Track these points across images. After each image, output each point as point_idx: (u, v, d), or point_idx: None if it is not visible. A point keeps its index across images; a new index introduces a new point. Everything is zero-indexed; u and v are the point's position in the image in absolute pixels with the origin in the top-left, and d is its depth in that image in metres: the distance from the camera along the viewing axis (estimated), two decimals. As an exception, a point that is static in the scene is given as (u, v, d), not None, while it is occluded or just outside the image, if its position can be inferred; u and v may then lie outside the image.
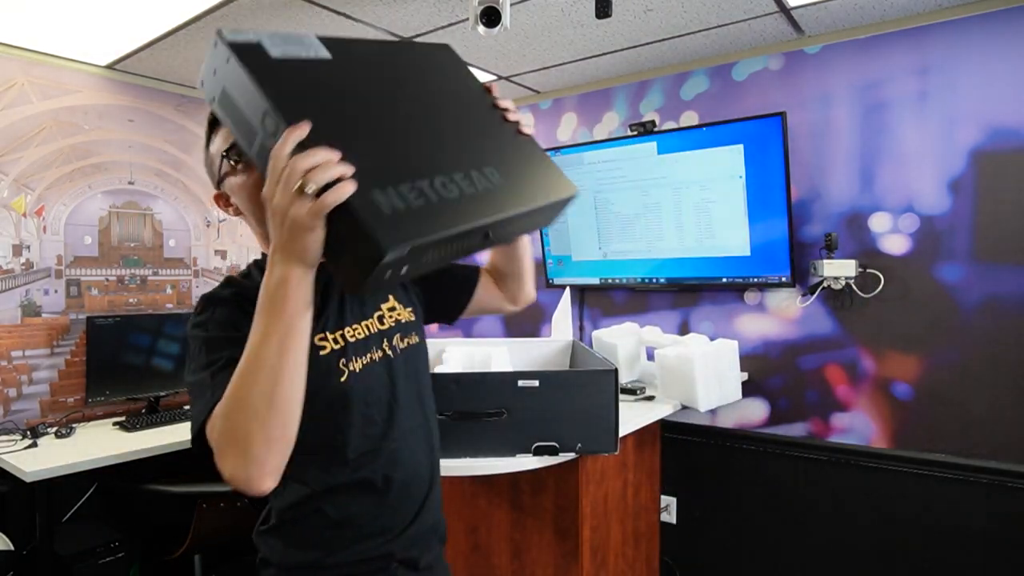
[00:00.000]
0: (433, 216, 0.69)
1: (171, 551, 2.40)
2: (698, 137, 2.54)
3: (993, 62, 2.09)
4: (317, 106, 0.71)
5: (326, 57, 0.79)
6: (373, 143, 0.73)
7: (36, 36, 2.39)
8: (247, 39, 0.72)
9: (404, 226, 0.66)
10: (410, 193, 0.69)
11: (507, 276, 1.24)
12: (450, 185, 0.74)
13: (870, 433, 2.32)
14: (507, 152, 0.88)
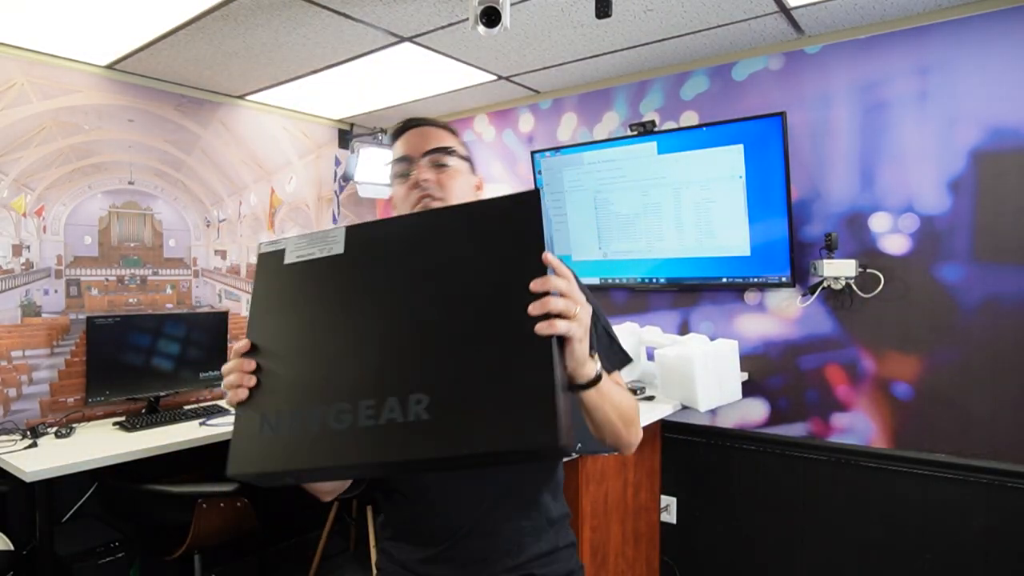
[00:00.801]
0: (292, 449, 0.72)
1: (171, 551, 2.40)
2: (698, 137, 2.54)
3: (993, 62, 2.09)
4: (281, 319, 0.80)
5: (338, 253, 0.82)
6: (305, 360, 0.77)
7: (36, 36, 2.39)
8: (274, 248, 0.85)
9: (255, 454, 0.73)
10: (291, 420, 0.73)
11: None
12: (344, 416, 0.71)
13: (870, 433, 2.32)
14: (470, 370, 0.70)
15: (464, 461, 0.70)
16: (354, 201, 3.85)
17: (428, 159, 1.07)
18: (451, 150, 1.08)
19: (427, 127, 1.11)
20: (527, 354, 0.69)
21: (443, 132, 1.11)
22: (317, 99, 3.25)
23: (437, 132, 1.10)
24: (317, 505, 3.16)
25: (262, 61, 2.64)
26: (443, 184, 1.05)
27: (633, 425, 1.00)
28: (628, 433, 0.98)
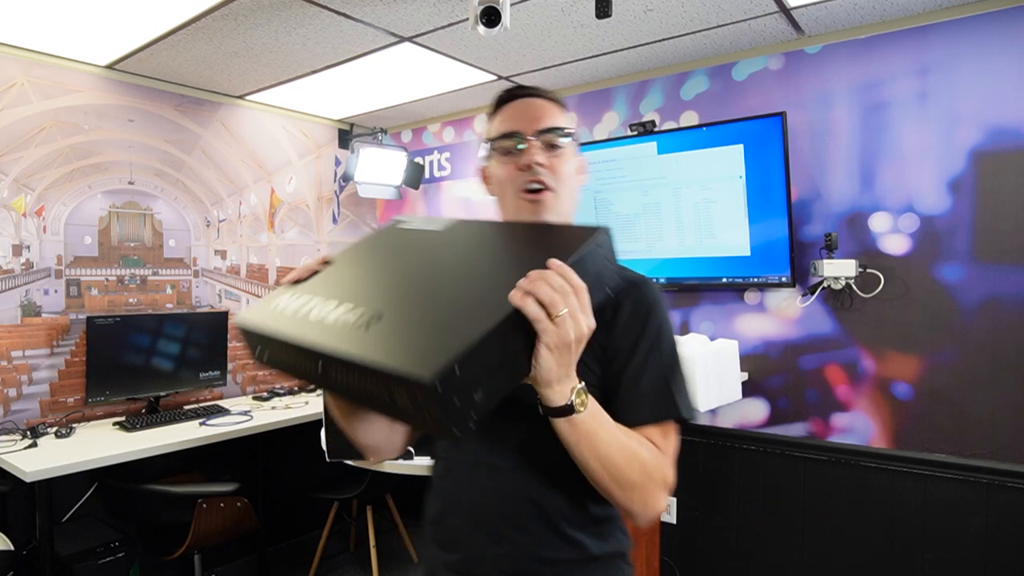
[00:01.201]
0: (279, 318, 0.82)
1: (171, 551, 2.41)
2: (698, 137, 2.54)
3: (993, 62, 2.09)
4: (359, 253, 0.95)
5: (435, 230, 0.95)
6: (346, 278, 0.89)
7: (36, 36, 2.39)
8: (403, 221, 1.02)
9: (260, 313, 0.84)
10: (302, 302, 0.83)
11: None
12: (328, 311, 0.78)
13: (870, 433, 2.32)
14: (436, 312, 0.73)
15: (357, 373, 0.69)
16: (354, 201, 3.85)
17: (542, 139, 0.97)
18: (566, 132, 0.98)
19: (540, 100, 1.00)
20: (483, 313, 0.69)
21: (557, 109, 1.00)
22: (317, 99, 3.25)
23: (551, 108, 0.99)
24: (317, 505, 3.17)
25: (262, 61, 2.64)
26: (555, 170, 0.96)
27: (632, 490, 0.83)
28: (622, 495, 0.83)
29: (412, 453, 1.85)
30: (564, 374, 0.75)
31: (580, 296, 0.73)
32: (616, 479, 0.82)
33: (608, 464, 0.81)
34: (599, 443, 0.81)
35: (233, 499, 2.44)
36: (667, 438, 0.90)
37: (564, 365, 0.74)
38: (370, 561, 2.93)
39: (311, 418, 2.84)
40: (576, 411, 0.77)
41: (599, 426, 0.81)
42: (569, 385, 0.77)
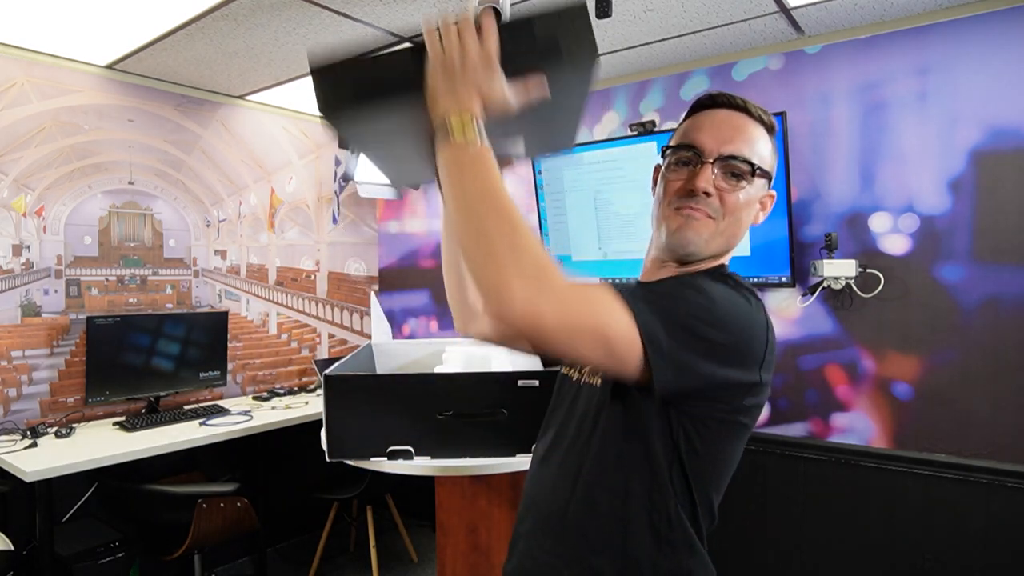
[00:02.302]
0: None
1: (171, 551, 2.41)
2: (698, 137, 2.53)
3: (993, 62, 2.09)
4: None
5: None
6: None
7: (36, 36, 2.39)
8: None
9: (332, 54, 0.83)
10: None
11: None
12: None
13: (870, 433, 2.31)
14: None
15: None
16: (354, 201, 3.85)
17: (722, 166, 0.87)
18: (755, 167, 0.87)
19: (742, 117, 0.90)
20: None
21: (758, 131, 0.89)
22: (317, 99, 3.24)
23: (750, 130, 0.89)
24: (317, 505, 3.17)
25: (262, 61, 2.64)
26: (725, 202, 0.87)
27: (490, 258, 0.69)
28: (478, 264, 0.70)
29: (412, 453, 1.85)
30: (448, 91, 0.74)
31: (485, 32, 0.74)
32: (479, 230, 0.71)
33: (472, 212, 0.72)
34: (468, 184, 0.73)
35: (233, 499, 2.44)
36: (594, 284, 0.76)
37: (448, 83, 0.74)
38: (370, 561, 2.93)
39: (311, 418, 2.84)
40: (451, 134, 0.73)
41: (477, 168, 0.73)
42: (452, 105, 0.74)
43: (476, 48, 0.73)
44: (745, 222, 0.91)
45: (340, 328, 3.80)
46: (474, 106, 0.74)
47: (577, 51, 0.77)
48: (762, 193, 0.92)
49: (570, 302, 0.70)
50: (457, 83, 0.74)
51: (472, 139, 0.73)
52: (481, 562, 1.99)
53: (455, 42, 0.73)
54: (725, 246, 0.92)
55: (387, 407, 1.84)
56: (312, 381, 3.52)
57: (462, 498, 2.02)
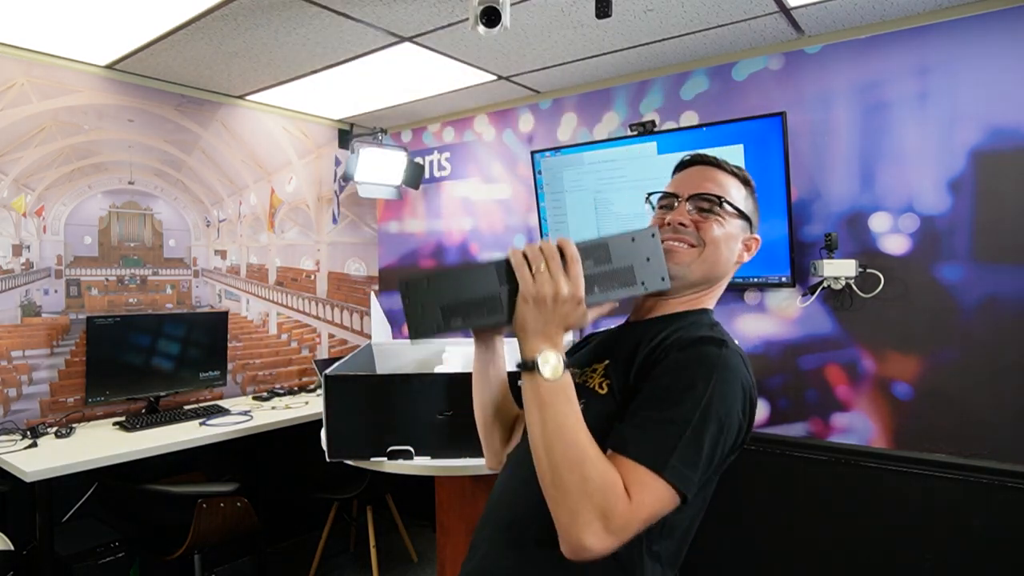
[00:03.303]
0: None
1: (171, 551, 2.41)
2: (698, 137, 2.54)
3: (993, 62, 2.09)
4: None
5: None
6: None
7: (36, 36, 2.39)
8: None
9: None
10: None
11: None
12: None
13: (870, 433, 2.31)
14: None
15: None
16: (354, 201, 3.85)
17: (694, 203, 1.00)
18: (722, 200, 0.99)
19: (711, 169, 1.03)
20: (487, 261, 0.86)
21: (727, 179, 1.02)
22: (317, 99, 3.25)
23: (718, 177, 1.02)
24: (317, 505, 3.17)
25: (262, 61, 2.64)
26: (702, 229, 0.98)
27: (563, 495, 0.76)
28: (552, 497, 0.77)
29: (412, 453, 1.85)
30: (539, 329, 0.82)
31: (569, 263, 0.82)
32: (551, 471, 0.78)
33: (549, 448, 0.79)
34: (549, 420, 0.80)
35: (233, 499, 2.44)
36: (641, 486, 0.78)
37: (539, 320, 0.82)
38: (370, 561, 2.93)
39: (311, 418, 2.84)
40: (539, 370, 0.81)
41: (557, 404, 0.80)
42: (544, 344, 0.82)
43: (566, 288, 0.81)
44: (726, 256, 1.00)
45: (340, 328, 3.80)
46: (560, 344, 0.83)
47: (649, 278, 0.87)
48: (742, 234, 1.02)
49: (631, 527, 0.77)
50: (548, 321, 0.82)
51: (557, 375, 0.81)
52: (481, 562, 1.99)
53: (547, 281, 0.81)
54: (707, 275, 0.99)
55: (387, 407, 1.84)
56: (312, 381, 3.52)
57: (462, 498, 2.02)
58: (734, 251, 1.01)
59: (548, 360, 0.81)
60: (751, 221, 1.03)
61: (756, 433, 2.53)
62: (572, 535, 0.75)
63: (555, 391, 0.80)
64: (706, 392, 0.83)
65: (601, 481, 0.76)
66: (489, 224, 3.45)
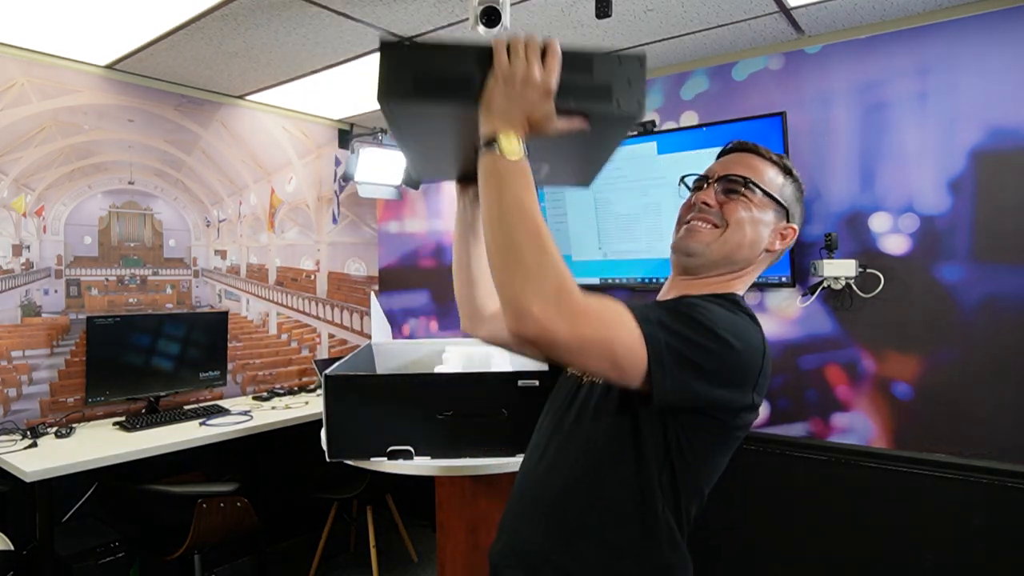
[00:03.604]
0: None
1: (171, 551, 2.41)
2: (698, 137, 2.54)
3: (993, 62, 2.09)
4: None
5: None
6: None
7: (36, 36, 2.39)
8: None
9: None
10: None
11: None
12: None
13: (870, 433, 2.31)
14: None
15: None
16: (354, 201, 3.85)
17: (722, 184, 0.99)
18: (750, 182, 0.98)
19: (746, 154, 1.03)
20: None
21: (760, 163, 1.01)
22: (317, 99, 3.25)
23: (750, 161, 1.01)
24: (317, 505, 3.17)
25: (262, 61, 2.64)
26: (725, 211, 0.98)
27: (515, 267, 0.74)
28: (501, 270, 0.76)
29: (412, 453, 1.85)
30: (503, 109, 0.80)
31: (548, 55, 0.80)
32: (507, 243, 0.76)
33: (504, 220, 0.77)
34: (506, 193, 0.78)
35: (233, 499, 2.44)
36: (608, 304, 0.79)
37: (505, 100, 0.80)
38: (370, 561, 2.93)
39: (311, 418, 2.84)
40: (499, 147, 0.79)
41: (515, 180, 0.79)
42: (506, 125, 0.80)
43: (538, 74, 0.80)
44: (751, 239, 0.98)
45: (340, 328, 3.80)
46: (523, 130, 0.81)
47: (625, 101, 0.83)
48: (777, 221, 1.00)
49: (584, 321, 0.74)
50: (513, 102, 0.80)
51: (516, 156, 0.80)
52: (481, 562, 1.99)
53: (521, 63, 0.79)
54: (728, 256, 0.98)
55: (387, 407, 1.84)
56: (312, 381, 3.52)
57: (462, 498, 2.02)
58: (762, 236, 0.99)
59: (510, 139, 0.80)
60: (788, 209, 1.01)
61: (756, 433, 2.53)
62: (520, 300, 0.73)
63: (513, 170, 0.79)
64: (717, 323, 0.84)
65: (559, 264, 0.76)
66: (489, 224, 3.44)
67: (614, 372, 0.79)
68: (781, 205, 1.00)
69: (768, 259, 1.02)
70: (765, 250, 1.00)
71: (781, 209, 1.00)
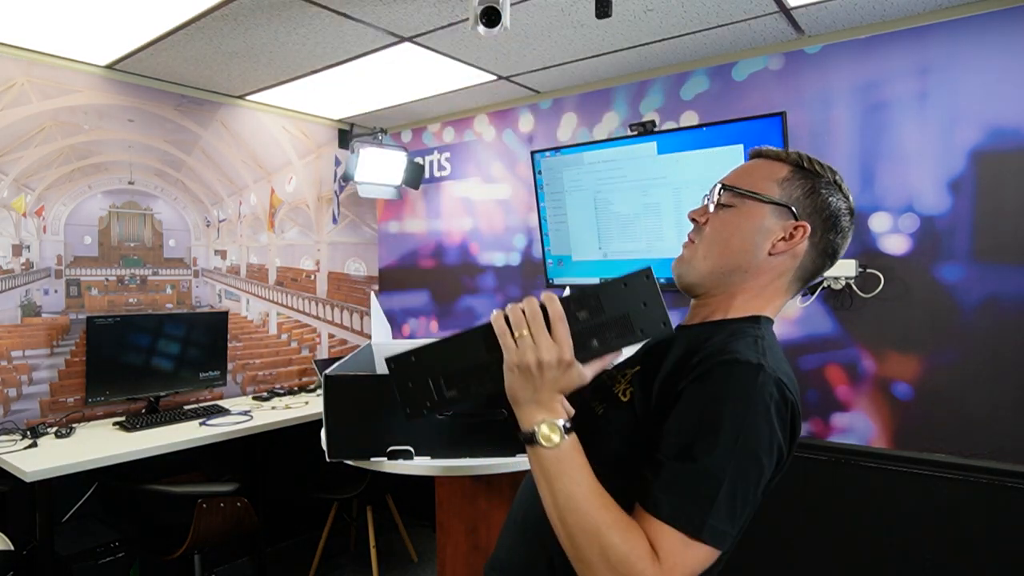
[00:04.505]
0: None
1: (171, 551, 2.41)
2: (698, 137, 2.54)
3: (993, 62, 2.09)
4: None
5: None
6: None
7: (36, 36, 2.39)
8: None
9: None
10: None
11: None
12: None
13: (870, 433, 2.31)
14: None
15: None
16: (354, 201, 3.85)
17: (707, 198, 0.95)
18: (737, 190, 0.91)
19: (752, 160, 0.96)
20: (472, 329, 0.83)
21: (760, 164, 0.94)
22: (317, 99, 3.25)
23: (755, 166, 0.95)
24: (317, 505, 3.17)
25: (262, 61, 2.64)
26: (705, 231, 0.93)
27: (584, 565, 0.73)
28: (575, 564, 0.75)
29: (412, 453, 1.85)
30: (530, 398, 0.77)
31: (553, 324, 0.76)
32: (570, 542, 0.75)
33: (563, 520, 0.75)
34: (558, 492, 0.75)
35: (233, 499, 2.44)
36: (676, 552, 0.72)
37: (528, 389, 0.77)
38: (370, 561, 2.93)
39: (311, 418, 2.84)
40: (538, 443, 0.76)
41: (564, 474, 0.76)
42: (539, 413, 0.77)
43: (551, 353, 0.75)
44: (738, 246, 0.90)
45: (340, 328, 3.80)
46: (558, 409, 0.77)
47: (648, 325, 0.78)
48: (778, 221, 0.90)
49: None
50: (537, 388, 0.77)
51: (558, 444, 0.76)
52: (481, 562, 1.99)
53: (530, 348, 0.75)
54: (715, 268, 0.92)
55: (387, 407, 1.83)
56: (312, 381, 3.51)
57: (462, 498, 2.02)
58: (755, 241, 0.90)
59: (545, 430, 0.76)
60: (791, 207, 0.90)
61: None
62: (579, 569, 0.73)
63: (559, 460, 0.76)
64: (739, 432, 0.75)
65: (623, 550, 0.72)
66: (489, 224, 3.45)
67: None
68: (780, 204, 0.90)
69: (785, 264, 0.91)
70: (769, 253, 0.90)
71: (782, 208, 0.90)
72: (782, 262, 0.91)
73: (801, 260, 0.92)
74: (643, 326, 0.79)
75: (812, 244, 0.91)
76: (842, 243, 0.94)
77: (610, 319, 0.78)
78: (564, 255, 3.03)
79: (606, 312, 0.78)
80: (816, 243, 0.91)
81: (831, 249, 0.93)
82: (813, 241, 0.91)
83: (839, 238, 0.93)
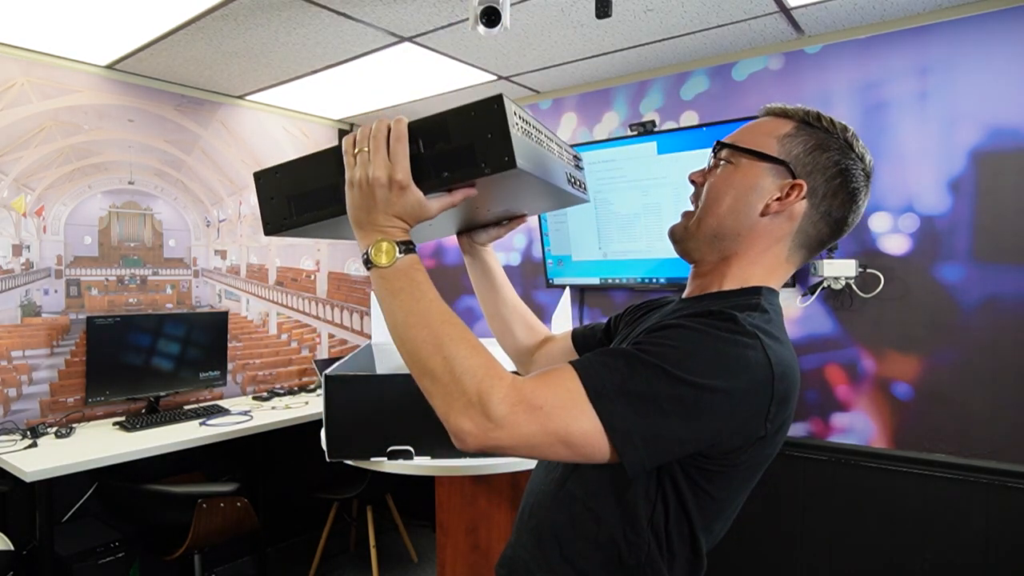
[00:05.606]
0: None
1: (171, 551, 2.41)
2: (698, 137, 2.54)
3: (993, 62, 2.09)
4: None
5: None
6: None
7: (36, 36, 2.39)
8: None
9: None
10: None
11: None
12: None
13: (870, 433, 2.32)
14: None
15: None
16: (354, 201, 3.84)
17: (712, 157, 0.89)
18: (734, 147, 0.85)
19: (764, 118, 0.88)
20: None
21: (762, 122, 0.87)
22: (317, 99, 3.25)
23: (759, 123, 0.87)
24: (317, 505, 3.17)
25: (262, 61, 2.64)
26: (705, 191, 0.86)
27: (432, 382, 0.69)
28: (425, 386, 0.70)
29: (412, 453, 1.85)
30: (364, 218, 0.75)
31: (393, 143, 0.73)
32: (414, 361, 0.70)
33: (404, 339, 0.71)
34: (397, 310, 0.72)
35: (233, 499, 2.44)
36: (550, 380, 0.68)
37: (363, 208, 0.75)
38: (370, 561, 2.93)
39: (311, 418, 2.84)
40: (372, 261, 0.73)
41: (403, 292, 0.72)
42: (374, 233, 0.74)
43: (383, 170, 0.73)
44: (730, 206, 0.83)
45: (340, 328, 3.80)
46: (392, 230, 0.74)
47: (491, 158, 0.71)
48: (775, 179, 0.82)
49: (523, 419, 0.66)
50: (371, 208, 0.74)
51: (394, 264, 0.73)
52: (481, 562, 1.99)
53: (363, 162, 0.74)
54: (713, 231, 0.85)
55: (387, 407, 1.84)
56: (312, 381, 3.51)
57: (462, 498, 2.02)
58: (748, 201, 0.82)
59: (380, 248, 0.73)
60: (788, 164, 0.82)
61: (756, 433, 2.53)
62: (449, 421, 0.67)
63: (395, 278, 0.72)
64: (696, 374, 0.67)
65: (470, 362, 0.67)
66: (489, 224, 3.44)
67: (579, 458, 0.69)
68: (777, 160, 0.82)
69: (781, 227, 0.84)
70: (761, 215, 0.83)
71: (780, 166, 0.82)
72: (778, 225, 0.84)
73: (800, 224, 0.84)
74: (486, 159, 0.71)
75: (812, 206, 0.83)
76: (851, 208, 0.84)
77: (454, 148, 0.73)
78: (564, 255, 3.03)
79: (452, 141, 0.73)
80: (817, 205, 0.83)
81: (837, 214, 0.84)
82: (813, 203, 0.83)
83: (847, 202, 0.83)
